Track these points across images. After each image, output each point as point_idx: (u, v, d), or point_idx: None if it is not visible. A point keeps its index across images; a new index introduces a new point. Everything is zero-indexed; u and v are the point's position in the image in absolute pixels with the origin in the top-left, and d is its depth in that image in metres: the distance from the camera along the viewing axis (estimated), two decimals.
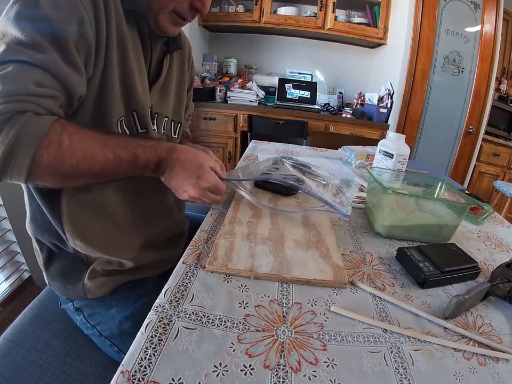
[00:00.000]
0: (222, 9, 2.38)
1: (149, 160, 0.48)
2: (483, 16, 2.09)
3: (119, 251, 0.57)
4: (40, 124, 0.38)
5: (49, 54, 0.39)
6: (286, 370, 0.30)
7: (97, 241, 0.54)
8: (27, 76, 0.38)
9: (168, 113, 0.65)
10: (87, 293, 0.56)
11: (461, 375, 0.32)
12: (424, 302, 0.42)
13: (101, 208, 0.55)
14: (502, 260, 0.52)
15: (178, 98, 0.68)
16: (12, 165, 0.37)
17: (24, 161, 0.37)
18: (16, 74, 0.37)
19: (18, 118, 0.37)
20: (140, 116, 0.55)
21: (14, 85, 0.37)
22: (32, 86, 0.38)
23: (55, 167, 0.39)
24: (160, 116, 0.62)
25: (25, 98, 0.37)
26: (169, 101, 0.65)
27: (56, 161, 0.39)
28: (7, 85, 0.36)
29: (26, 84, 0.38)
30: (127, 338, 0.53)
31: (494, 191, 2.47)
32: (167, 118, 0.65)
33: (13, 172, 0.37)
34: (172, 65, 0.64)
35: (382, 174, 0.72)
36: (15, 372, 0.50)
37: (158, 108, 0.61)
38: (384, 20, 2.25)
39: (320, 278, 0.42)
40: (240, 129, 2.26)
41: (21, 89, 0.37)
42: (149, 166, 0.48)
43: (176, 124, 0.69)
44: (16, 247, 1.13)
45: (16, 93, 0.37)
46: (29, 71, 0.38)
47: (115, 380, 0.27)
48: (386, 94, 2.24)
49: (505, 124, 2.62)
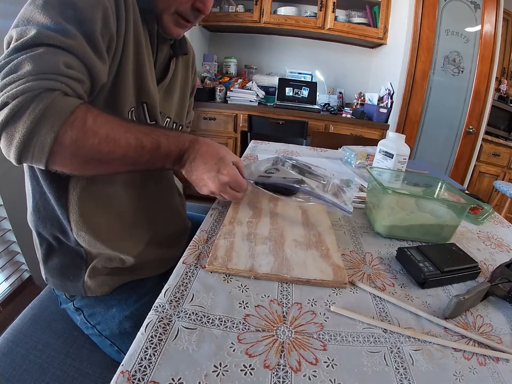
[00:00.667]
0: (222, 9, 2.38)
1: (171, 150, 0.47)
2: (483, 16, 2.09)
3: (122, 245, 0.57)
4: (67, 102, 0.39)
5: (77, 40, 0.41)
6: (286, 370, 0.30)
7: (101, 233, 0.54)
8: (57, 57, 0.39)
9: (171, 114, 0.65)
10: (87, 291, 0.56)
11: (461, 375, 0.32)
12: (424, 302, 0.42)
13: (108, 201, 0.55)
14: (502, 260, 0.52)
15: (181, 102, 0.69)
16: (35, 142, 0.37)
17: (47, 137, 0.37)
18: (47, 55, 0.38)
19: (47, 95, 0.37)
20: (150, 108, 0.55)
21: (44, 64, 0.38)
22: (62, 66, 0.39)
23: (76, 146, 0.39)
24: (163, 115, 0.62)
25: (54, 77, 0.38)
26: (172, 102, 0.65)
27: (78, 139, 0.39)
28: (37, 64, 0.37)
29: (56, 64, 0.38)
30: (127, 338, 0.53)
31: (494, 191, 2.46)
32: (169, 118, 0.65)
33: (34, 149, 0.37)
34: (177, 69, 0.65)
35: (382, 174, 0.72)
36: (15, 372, 0.50)
37: (162, 107, 0.61)
38: (384, 20, 2.25)
39: (320, 278, 0.42)
40: (240, 129, 2.26)
41: (51, 68, 0.38)
42: (171, 156, 0.48)
43: (178, 127, 0.69)
44: (16, 247, 1.13)
45: (46, 71, 0.38)
46: (58, 53, 0.39)
47: (115, 379, 0.27)
48: (386, 94, 2.24)
49: (505, 124, 2.62)
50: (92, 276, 0.55)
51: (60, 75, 0.39)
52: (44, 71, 0.37)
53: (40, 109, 0.36)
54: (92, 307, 0.57)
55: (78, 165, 0.42)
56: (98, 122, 0.40)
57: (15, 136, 0.36)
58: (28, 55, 0.37)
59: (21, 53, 0.38)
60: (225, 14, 2.35)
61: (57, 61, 0.39)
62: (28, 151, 0.37)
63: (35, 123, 0.36)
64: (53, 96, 0.37)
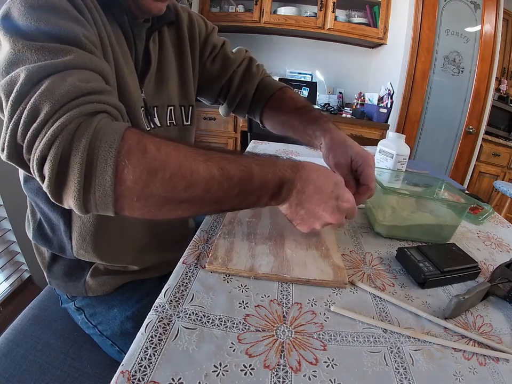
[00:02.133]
0: (222, 9, 2.39)
1: (267, 180, 0.37)
2: (483, 16, 2.09)
3: (125, 259, 0.56)
4: (112, 127, 0.31)
5: (73, 53, 0.34)
6: (286, 370, 0.30)
7: (103, 251, 0.53)
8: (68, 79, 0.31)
9: (171, 101, 0.59)
10: (88, 291, 0.56)
11: (461, 375, 0.32)
12: (424, 302, 0.42)
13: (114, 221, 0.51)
14: (502, 260, 0.52)
15: (183, 80, 0.61)
16: (93, 187, 0.30)
17: (105, 176, 0.29)
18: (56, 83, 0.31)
19: (84, 126, 0.30)
20: (131, 114, 0.48)
21: (60, 93, 0.30)
22: (80, 83, 0.31)
23: (142, 183, 0.31)
24: (161, 108, 0.57)
25: (80, 101, 0.31)
26: (168, 88, 0.58)
27: (143, 174, 0.30)
28: (53, 97, 0.29)
29: (73, 85, 0.31)
30: (129, 338, 0.53)
31: (494, 191, 2.47)
32: (172, 106, 0.59)
33: (95, 195, 0.30)
34: (164, 49, 0.57)
35: (382, 174, 0.72)
36: (15, 372, 0.50)
37: (156, 100, 0.55)
38: (384, 20, 2.25)
39: (320, 278, 0.42)
40: (240, 129, 2.26)
41: (71, 92, 0.30)
42: (268, 188, 0.38)
43: (187, 108, 0.62)
44: (16, 247, 1.13)
45: (67, 99, 0.30)
46: (66, 75, 0.32)
47: (115, 379, 0.27)
48: (386, 94, 2.24)
49: (505, 124, 2.62)
50: (93, 275, 0.55)
51: (84, 95, 0.31)
52: (65, 100, 0.30)
53: (84, 146, 0.29)
54: (93, 307, 0.57)
55: (152, 207, 0.33)
56: (163, 150, 0.32)
57: (71, 187, 0.29)
58: (37, 95, 0.30)
59: (27, 99, 0.30)
60: (225, 14, 2.35)
61: (71, 82, 0.31)
62: (88, 200, 0.30)
63: (85, 164, 0.29)
64: (92, 125, 0.30)
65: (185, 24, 0.62)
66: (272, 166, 0.39)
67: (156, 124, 0.56)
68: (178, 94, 0.60)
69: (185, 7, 0.64)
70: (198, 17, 0.66)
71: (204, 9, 2.34)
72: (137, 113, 0.49)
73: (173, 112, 0.59)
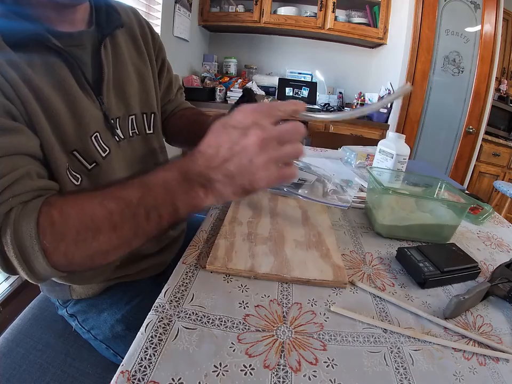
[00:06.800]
0: (222, 9, 2.38)
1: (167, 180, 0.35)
2: (483, 16, 2.09)
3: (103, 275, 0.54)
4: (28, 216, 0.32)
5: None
6: (286, 370, 0.30)
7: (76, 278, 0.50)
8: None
9: (132, 109, 0.54)
10: (72, 293, 0.55)
11: (461, 375, 0.32)
12: (424, 302, 0.42)
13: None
14: (502, 260, 0.52)
15: (143, 85, 0.57)
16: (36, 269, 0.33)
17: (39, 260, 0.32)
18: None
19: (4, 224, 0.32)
20: (82, 152, 0.44)
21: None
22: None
23: (64, 250, 0.33)
24: (122, 119, 0.53)
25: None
26: (128, 95, 0.54)
27: (61, 244, 0.33)
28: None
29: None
30: (121, 341, 0.53)
31: (494, 191, 2.46)
32: (134, 115, 0.55)
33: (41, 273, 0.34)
34: (119, 54, 0.53)
35: (382, 174, 0.72)
36: (15, 372, 0.50)
37: (117, 111, 0.52)
38: (384, 20, 2.25)
39: (320, 278, 0.42)
40: None
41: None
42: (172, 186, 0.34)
43: (149, 116, 0.59)
44: None
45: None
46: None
47: (115, 379, 0.27)
48: (386, 94, 2.24)
49: (505, 124, 2.62)
50: None
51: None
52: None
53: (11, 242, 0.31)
54: (84, 312, 0.57)
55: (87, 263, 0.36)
56: (65, 212, 0.33)
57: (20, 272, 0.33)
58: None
59: None
60: (225, 14, 2.35)
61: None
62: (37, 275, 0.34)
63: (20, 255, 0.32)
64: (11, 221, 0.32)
65: (135, 24, 0.58)
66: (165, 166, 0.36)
67: (120, 137, 0.52)
68: (138, 100, 0.56)
69: (131, 7, 0.60)
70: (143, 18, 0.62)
71: (204, 9, 2.34)
72: (87, 145, 0.45)
73: (135, 121, 0.56)
